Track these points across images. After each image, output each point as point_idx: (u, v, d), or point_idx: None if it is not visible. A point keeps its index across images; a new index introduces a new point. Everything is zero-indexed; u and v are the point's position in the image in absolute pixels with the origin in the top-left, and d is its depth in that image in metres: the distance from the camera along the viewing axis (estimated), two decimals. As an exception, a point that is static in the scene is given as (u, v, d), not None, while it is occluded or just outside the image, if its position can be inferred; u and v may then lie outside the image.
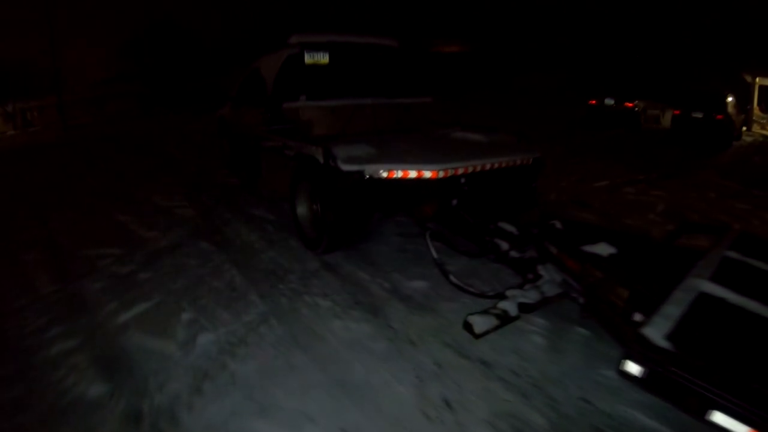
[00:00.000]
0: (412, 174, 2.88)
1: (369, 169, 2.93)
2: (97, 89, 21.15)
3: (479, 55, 24.08)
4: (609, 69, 20.10)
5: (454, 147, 3.69)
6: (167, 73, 22.58)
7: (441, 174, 2.88)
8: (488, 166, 3.23)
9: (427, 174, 2.86)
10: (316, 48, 4.45)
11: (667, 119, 12.24)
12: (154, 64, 23.11)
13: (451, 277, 2.69)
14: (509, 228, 2.86)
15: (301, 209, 3.77)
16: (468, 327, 2.19)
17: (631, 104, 11.99)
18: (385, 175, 2.90)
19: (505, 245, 2.80)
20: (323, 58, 4.53)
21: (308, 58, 4.43)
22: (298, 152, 3.65)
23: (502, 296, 2.35)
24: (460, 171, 3.06)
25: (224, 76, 17.71)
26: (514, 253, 2.75)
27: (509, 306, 2.27)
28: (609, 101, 12.30)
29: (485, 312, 2.26)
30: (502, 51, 23.78)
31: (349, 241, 3.53)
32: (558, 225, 2.62)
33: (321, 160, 3.13)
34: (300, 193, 3.75)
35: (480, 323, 2.20)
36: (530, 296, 2.35)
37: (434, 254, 2.83)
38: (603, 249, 2.36)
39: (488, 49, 23.67)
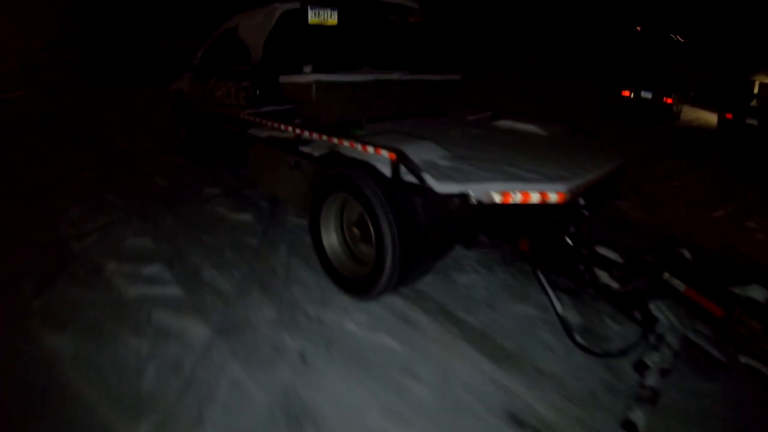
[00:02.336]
0: (534, 198, 2.02)
1: (476, 191, 2.01)
2: (31, 58, 18.61)
3: (444, 26, 22.81)
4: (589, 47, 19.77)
5: (532, 147, 2.87)
6: (109, 38, 20.12)
7: (569, 196, 2.12)
8: (598, 179, 2.42)
9: (553, 197, 2.04)
10: (321, 2, 3.50)
11: (709, 119, 11.74)
12: (95, 28, 20.52)
13: (578, 337, 2.14)
14: (610, 255, 2.29)
15: (332, 238, 2.80)
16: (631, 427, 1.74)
17: (670, 100, 11.44)
18: (499, 199, 2.01)
19: (605, 276, 2.29)
20: (331, 17, 3.61)
21: (312, 16, 3.46)
22: (331, 154, 2.67)
23: (641, 366, 1.90)
24: (582, 188, 2.26)
25: (178, 37, 15.86)
26: (615, 286, 2.27)
27: (654, 379, 1.84)
28: (646, 94, 11.64)
29: (640, 399, 1.81)
30: (471, 24, 22.76)
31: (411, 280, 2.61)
32: (687, 255, 2.10)
33: (386, 172, 2.21)
34: (329, 212, 2.76)
35: (640, 417, 1.74)
36: (666, 357, 1.90)
37: (558, 307, 2.16)
38: (758, 292, 1.81)
39: (456, 20, 22.48)
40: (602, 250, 2.30)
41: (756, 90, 13.66)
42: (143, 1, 21.24)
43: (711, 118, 12.73)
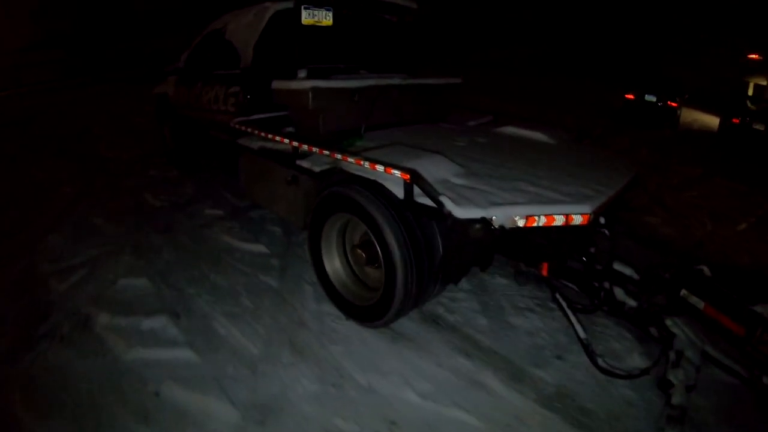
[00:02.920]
0: (559, 220, 1.91)
1: (499, 216, 1.86)
2: (11, 58, 17.62)
3: (424, 24, 22.48)
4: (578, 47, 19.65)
5: (544, 158, 2.77)
6: (92, 36, 19.19)
7: (592, 217, 2.01)
8: (615, 195, 2.33)
9: (578, 219, 1.93)
10: (316, 1, 3.17)
11: (708, 121, 11.67)
12: (78, 27, 19.53)
13: (600, 361, 2.08)
14: (626, 270, 2.32)
15: (335, 264, 2.60)
16: None
17: (675, 104, 11.38)
18: (522, 223, 1.87)
19: (620, 292, 2.26)
20: (326, 18, 3.28)
21: (306, 16, 3.13)
22: (333, 170, 2.47)
23: (666, 384, 1.87)
24: (602, 207, 2.15)
25: (163, 37, 15.11)
26: (630, 303, 2.23)
27: (680, 396, 1.81)
28: (650, 98, 11.53)
29: (670, 420, 1.76)
30: (459, 23, 22.42)
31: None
32: (706, 271, 2.11)
33: (397, 192, 2.07)
34: (330, 233, 2.56)
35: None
36: (689, 373, 1.88)
37: (581, 332, 2.11)
38: (781, 311, 1.81)
39: (443, 19, 22.10)
40: (619, 267, 2.30)
41: (750, 92, 13.64)
42: (127, 1, 20.48)
43: (709, 120, 12.70)
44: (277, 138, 2.68)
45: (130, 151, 5.95)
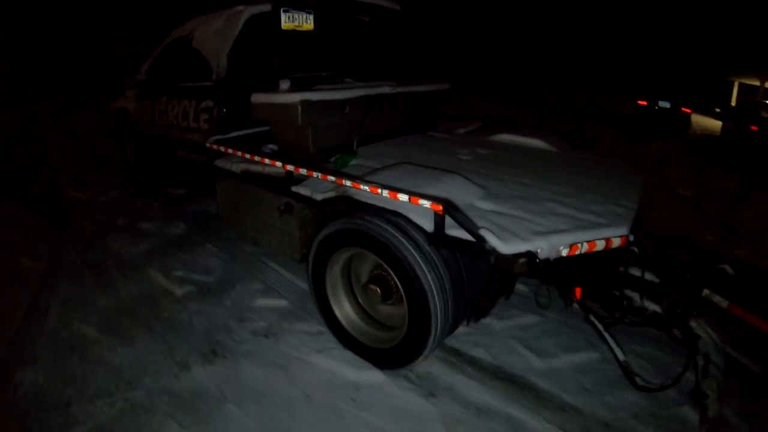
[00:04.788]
0: (600, 245, 1.82)
1: (545, 247, 1.71)
2: None
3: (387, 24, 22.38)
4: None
5: (557, 170, 2.68)
6: (44, 46, 18.01)
7: (631, 237, 1.96)
8: (638, 207, 2.31)
9: (617, 242, 1.88)
10: (296, 4, 2.95)
11: (709, 125, 11.83)
12: (27, 36, 18.24)
13: (638, 380, 1.99)
14: (645, 275, 2.18)
15: (345, 306, 2.35)
16: None
17: (689, 109, 11.55)
18: (566, 252, 1.75)
19: (635, 297, 2.15)
20: (307, 22, 3.07)
21: (286, 21, 2.91)
22: (338, 197, 2.17)
23: (700, 395, 1.76)
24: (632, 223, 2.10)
25: (119, 45, 14.29)
26: (652, 307, 2.12)
27: (715, 407, 1.72)
28: (664, 104, 11.67)
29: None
30: (422, 24, 22.28)
31: None
32: (729, 270, 2.09)
33: (425, 225, 1.84)
34: (334, 270, 2.30)
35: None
36: (720, 380, 1.79)
37: (620, 355, 1.98)
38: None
39: (405, 20, 21.99)
40: (636, 272, 2.20)
41: (735, 91, 14.05)
42: (77, 6, 19.30)
43: (710, 124, 12.97)
44: (267, 161, 2.40)
45: (105, 190, 4.75)
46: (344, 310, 2.32)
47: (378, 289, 2.07)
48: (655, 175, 6.51)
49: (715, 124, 12.75)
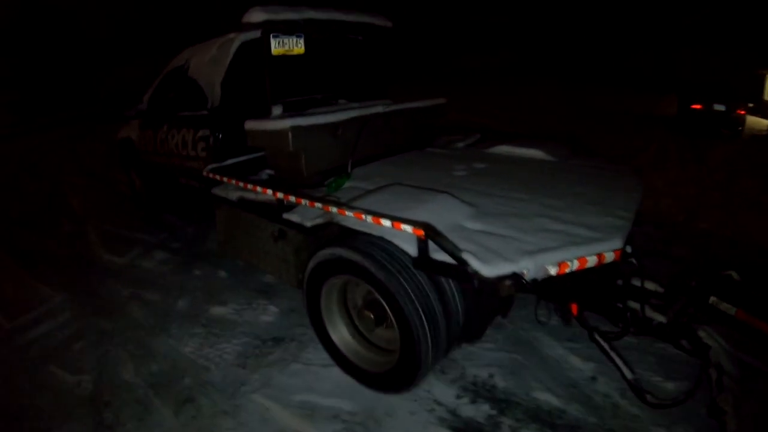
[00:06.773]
0: (591, 261, 1.78)
1: (531, 268, 1.68)
2: None
3: (401, 34, 22.55)
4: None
5: (553, 182, 2.65)
6: (49, 74, 18.31)
7: (628, 249, 1.99)
8: (635, 216, 2.29)
9: (610, 256, 1.84)
10: (285, 29, 2.95)
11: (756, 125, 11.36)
12: (33, 65, 18.54)
13: (649, 397, 1.94)
14: (648, 285, 2.13)
15: (342, 332, 2.35)
16: None
17: (743, 111, 11.17)
18: (555, 271, 1.71)
19: (646, 309, 2.08)
20: (297, 46, 3.07)
21: (276, 46, 2.92)
22: (327, 223, 2.21)
23: (718, 411, 1.70)
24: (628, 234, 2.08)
25: (126, 70, 14.51)
26: (658, 318, 2.04)
27: (733, 421, 1.65)
28: (719, 107, 11.25)
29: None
30: (427, 29, 22.39)
31: None
32: (735, 276, 2.05)
33: (409, 249, 1.85)
34: (329, 296, 2.32)
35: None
36: (735, 392, 1.73)
37: (627, 373, 1.95)
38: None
39: (411, 27, 22.11)
40: (638, 282, 2.14)
41: (767, 85, 13.63)
42: (78, 31, 19.60)
43: (758, 123, 12.37)
44: (259, 188, 2.45)
45: (146, 250, 3.72)
46: (341, 335, 2.32)
47: (371, 315, 2.09)
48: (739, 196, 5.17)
49: (762, 123, 12.25)
